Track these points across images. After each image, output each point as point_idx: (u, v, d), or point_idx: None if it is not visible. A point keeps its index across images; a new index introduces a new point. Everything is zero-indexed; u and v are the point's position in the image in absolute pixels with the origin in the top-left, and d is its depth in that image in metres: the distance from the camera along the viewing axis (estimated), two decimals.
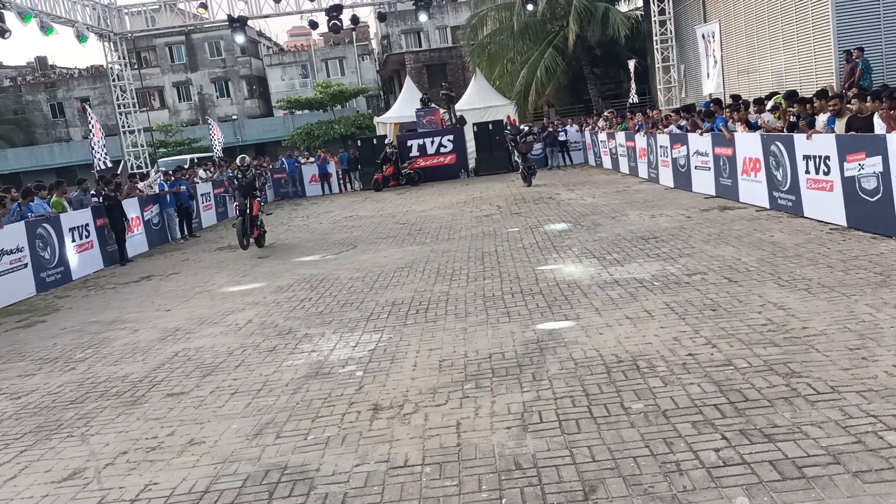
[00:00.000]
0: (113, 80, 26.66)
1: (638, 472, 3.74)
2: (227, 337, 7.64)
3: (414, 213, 17.02)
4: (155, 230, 17.03)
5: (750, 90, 20.67)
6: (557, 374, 5.30)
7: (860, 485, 3.37)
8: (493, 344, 6.23)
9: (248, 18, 25.68)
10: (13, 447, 5.18)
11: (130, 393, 6.13)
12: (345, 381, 5.73)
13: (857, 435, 3.83)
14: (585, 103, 34.73)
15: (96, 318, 9.49)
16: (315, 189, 27.30)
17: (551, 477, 3.79)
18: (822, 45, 18.31)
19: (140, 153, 27.14)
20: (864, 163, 8.60)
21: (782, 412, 4.20)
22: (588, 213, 13.44)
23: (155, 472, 4.46)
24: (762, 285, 7.02)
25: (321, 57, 54.44)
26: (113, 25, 25.52)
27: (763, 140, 11.32)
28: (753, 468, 3.62)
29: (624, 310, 6.79)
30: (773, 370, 4.85)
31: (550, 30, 32.47)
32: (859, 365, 4.76)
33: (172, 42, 51.69)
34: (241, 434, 4.90)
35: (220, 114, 51.36)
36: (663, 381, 4.89)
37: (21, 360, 7.71)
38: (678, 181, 15.45)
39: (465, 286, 8.65)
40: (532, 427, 4.43)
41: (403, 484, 3.92)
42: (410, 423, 4.72)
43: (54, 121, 54.55)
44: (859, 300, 6.14)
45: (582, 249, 10.01)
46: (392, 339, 6.74)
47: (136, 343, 7.87)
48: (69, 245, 13.16)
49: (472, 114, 27.39)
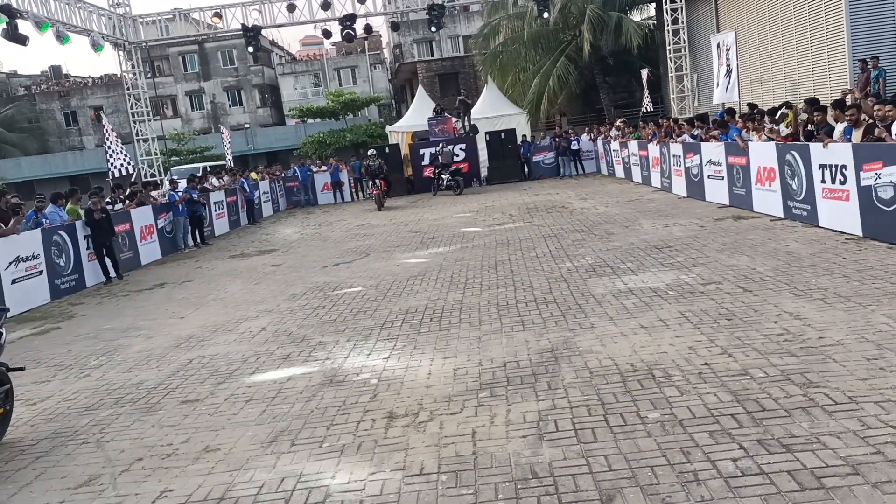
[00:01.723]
0: (127, 88, 26.89)
1: (655, 481, 3.71)
2: (241, 344, 7.66)
3: (426, 221, 17.05)
4: (168, 238, 17.12)
5: (763, 99, 20.62)
6: (573, 382, 5.28)
7: (879, 495, 3.34)
8: (508, 352, 6.22)
9: (262, 28, 25.83)
10: (29, 453, 5.21)
11: (145, 400, 6.15)
12: (359, 389, 5.74)
13: (875, 445, 3.80)
14: (598, 112, 34.72)
15: (110, 326, 9.54)
16: (327, 197, 27.39)
17: (568, 486, 3.77)
18: (836, 54, 18.26)
19: (153, 161, 27.33)
20: (881, 172, 8.54)
21: (800, 422, 4.17)
22: (601, 223, 13.42)
23: (170, 478, 4.47)
24: (777, 295, 6.98)
25: (333, 66, 54.70)
26: (128, 34, 25.76)
27: (778, 149, 11.27)
28: (772, 478, 3.59)
29: (639, 319, 6.77)
30: (790, 380, 4.81)
31: (563, 39, 32.52)
32: (877, 375, 4.72)
33: (186, 51, 52.10)
34: (257, 441, 4.91)
35: (232, 122, 51.66)
36: (679, 391, 4.87)
37: (36, 367, 7.76)
38: (691, 190, 15.40)
39: (479, 294, 8.65)
40: (548, 436, 4.42)
41: (419, 492, 3.91)
42: (426, 432, 4.71)
43: (68, 129, 55.03)
44: (876, 310, 6.09)
45: (595, 259, 9.99)
46: (406, 348, 6.74)
47: (150, 350, 7.90)
48: (84, 252, 13.24)
49: (484, 122, 27.44)
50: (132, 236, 15.28)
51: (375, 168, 22.36)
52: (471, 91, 36.63)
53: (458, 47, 49.50)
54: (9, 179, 46.03)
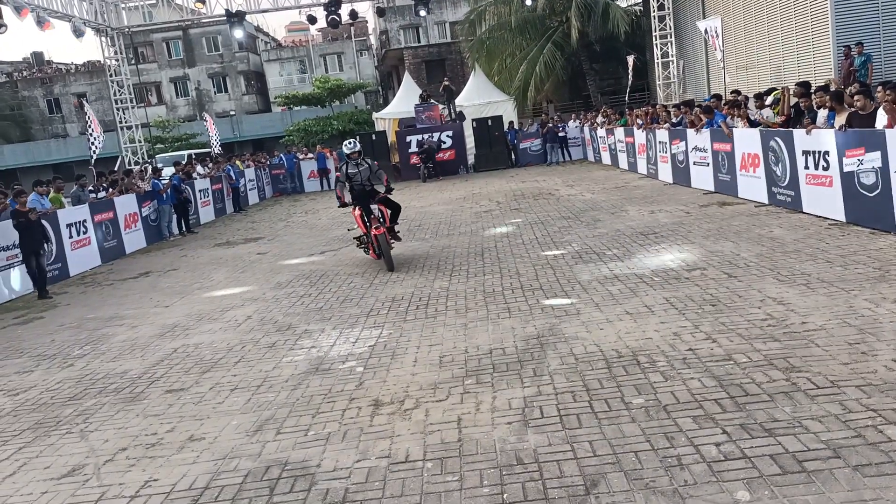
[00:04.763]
0: (110, 75, 26.63)
1: (639, 466, 3.74)
2: (226, 333, 7.63)
3: (413, 209, 17.01)
4: (153, 226, 17.00)
5: (748, 85, 20.67)
6: (558, 369, 5.30)
7: (860, 478, 3.37)
8: (494, 339, 6.22)
9: (246, 13, 25.63)
10: (12, 444, 5.17)
11: (129, 389, 6.12)
12: (345, 377, 5.73)
13: (857, 429, 3.83)
14: (585, 99, 34.71)
15: (94, 315, 9.47)
16: (314, 185, 27.27)
17: (553, 472, 3.79)
18: (821, 40, 18.32)
19: (137, 149, 27.10)
20: (864, 158, 8.59)
21: (782, 407, 4.20)
22: (587, 209, 13.44)
23: (155, 468, 4.46)
24: (762, 280, 7.02)
25: (319, 52, 54.34)
26: (110, 20, 25.48)
27: (762, 136, 11.31)
28: (754, 462, 3.62)
29: (624, 305, 6.79)
30: (773, 365, 4.85)
31: (549, 25, 32.44)
32: (859, 359, 4.76)
33: (170, 37, 51.59)
34: (242, 430, 4.89)
35: (217, 109, 51.27)
36: (664, 376, 4.89)
37: (19, 357, 7.70)
38: (677, 177, 15.45)
39: (466, 282, 8.65)
40: (533, 422, 4.43)
41: (405, 479, 3.92)
42: (411, 419, 4.72)
43: (51, 117, 54.42)
44: (858, 295, 6.14)
45: (582, 245, 10.01)
46: (392, 335, 6.74)
47: (134, 339, 7.86)
48: (66, 241, 13.13)
49: (471, 109, 27.38)
50: (116, 225, 15.16)
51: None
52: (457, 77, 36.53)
53: (445, 33, 49.26)
54: None
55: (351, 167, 10.07)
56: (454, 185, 22.20)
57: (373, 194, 10.10)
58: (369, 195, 10.06)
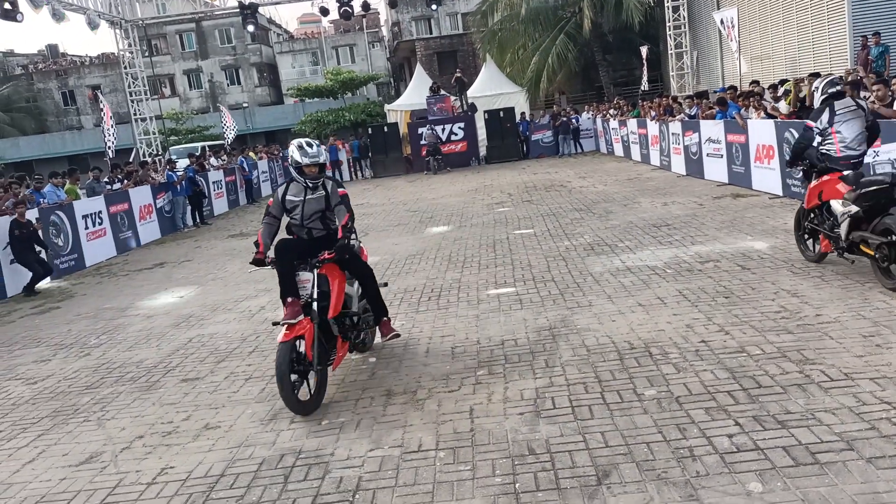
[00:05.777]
0: (124, 67, 26.73)
1: (651, 457, 3.75)
2: (240, 323, 7.69)
3: (425, 200, 17.03)
4: (167, 218, 17.11)
5: (763, 76, 20.49)
6: (570, 360, 5.31)
7: (874, 470, 3.37)
8: (506, 331, 6.24)
9: (259, 5, 25.63)
10: (31, 431, 5.25)
11: (145, 378, 6.19)
12: (358, 367, 5.77)
13: (870, 421, 3.83)
14: (597, 90, 34.51)
15: (110, 305, 9.56)
16: None
17: (564, 462, 3.81)
18: (837, 30, 18.13)
19: (152, 141, 27.24)
20: (879, 150, 8.52)
21: (796, 399, 4.20)
22: (600, 201, 13.40)
23: (171, 456, 4.51)
24: (775, 273, 6.99)
25: (331, 44, 54.29)
26: (124, 13, 25.57)
27: (777, 127, 11.23)
28: (767, 454, 3.63)
29: (636, 297, 6.78)
30: (786, 357, 4.84)
31: (562, 16, 32.25)
32: (873, 352, 4.74)
33: (183, 30, 51.67)
34: (256, 419, 4.94)
35: (230, 101, 51.33)
36: (676, 368, 4.89)
37: (37, 346, 7.79)
38: (690, 168, 15.37)
39: (477, 273, 8.66)
40: (545, 413, 4.45)
41: (417, 468, 3.95)
42: (424, 409, 4.75)
43: (66, 109, 54.69)
44: (873, 287, 6.10)
45: (594, 237, 9.99)
46: (404, 326, 6.76)
47: (150, 329, 7.93)
48: (82, 232, 13.24)
49: (482, 101, 27.31)
50: (131, 216, 15.27)
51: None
52: (469, 69, 36.41)
53: (457, 25, 49.11)
54: (7, 159, 45.87)
55: (294, 190, 5.43)
56: (465, 176, 22.18)
57: (321, 245, 5.38)
58: (313, 246, 5.41)
